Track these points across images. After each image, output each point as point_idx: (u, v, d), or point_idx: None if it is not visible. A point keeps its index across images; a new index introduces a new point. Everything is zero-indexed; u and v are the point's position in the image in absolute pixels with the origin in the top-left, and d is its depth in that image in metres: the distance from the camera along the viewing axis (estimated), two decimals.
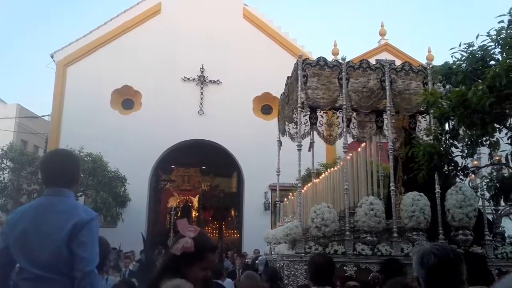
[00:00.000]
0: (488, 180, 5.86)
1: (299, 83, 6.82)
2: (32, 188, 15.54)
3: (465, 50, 5.10)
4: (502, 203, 7.27)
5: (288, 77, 7.59)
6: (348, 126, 8.32)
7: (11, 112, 21.00)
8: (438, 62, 6.18)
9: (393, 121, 7.55)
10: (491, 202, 6.79)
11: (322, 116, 8.49)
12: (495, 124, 4.89)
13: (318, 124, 8.47)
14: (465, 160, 5.62)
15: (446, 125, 5.42)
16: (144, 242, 14.39)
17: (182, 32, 19.21)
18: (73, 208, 2.56)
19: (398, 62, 15.27)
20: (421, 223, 6.18)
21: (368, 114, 8.37)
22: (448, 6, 74.11)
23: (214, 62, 19.21)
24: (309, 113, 8.37)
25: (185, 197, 24.84)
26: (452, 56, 5.25)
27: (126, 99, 19.37)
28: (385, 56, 19.51)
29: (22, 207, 2.68)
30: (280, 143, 8.54)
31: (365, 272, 5.93)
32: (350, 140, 8.66)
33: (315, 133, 8.26)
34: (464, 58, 5.11)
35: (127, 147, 17.69)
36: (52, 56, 18.89)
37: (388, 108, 6.87)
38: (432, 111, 5.50)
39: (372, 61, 15.80)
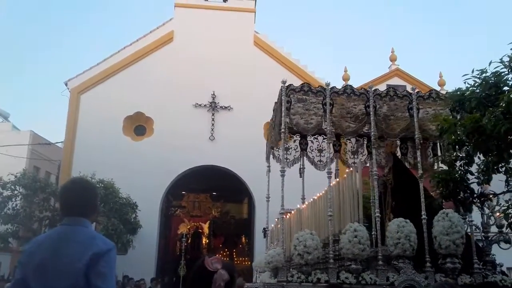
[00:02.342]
0: (505, 207, 5.74)
1: (283, 109, 6.81)
2: (44, 215, 15.56)
3: (478, 76, 5.12)
4: (492, 229, 7.12)
5: (275, 103, 7.55)
6: (338, 151, 8.29)
7: (25, 139, 21.23)
8: (450, 87, 6.16)
9: (382, 146, 7.48)
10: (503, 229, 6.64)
11: (312, 142, 8.47)
12: (511, 151, 4.84)
13: (308, 149, 8.44)
14: (481, 187, 5.53)
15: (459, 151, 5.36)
16: None
17: (194, 59, 19.45)
18: (91, 238, 2.54)
19: (408, 88, 15.34)
20: (406, 250, 6.01)
21: (359, 139, 8.34)
22: (461, 33, 74.58)
23: (225, 88, 19.37)
24: (299, 138, 8.37)
25: (196, 224, 24.69)
26: (465, 82, 5.27)
27: (138, 126, 19.53)
28: (396, 81, 19.58)
29: (40, 237, 2.66)
30: (269, 169, 8.41)
31: None
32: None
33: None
34: (477, 84, 5.11)
35: (138, 173, 17.75)
36: (66, 84, 19.20)
37: (372, 133, 6.79)
38: (446, 137, 5.45)
39: (383, 86, 15.85)
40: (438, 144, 7.68)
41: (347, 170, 7.32)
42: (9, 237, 15.34)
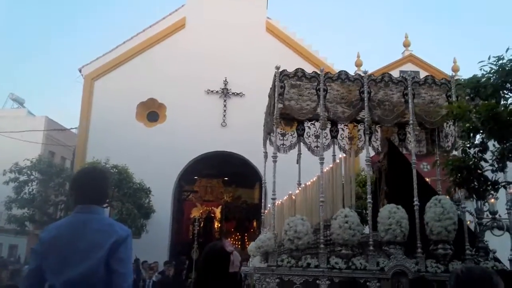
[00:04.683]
0: None
1: (276, 94, 6.82)
2: (59, 199, 15.94)
3: (495, 63, 5.03)
4: (486, 215, 7.08)
5: (270, 88, 7.55)
6: (335, 137, 8.30)
7: (40, 125, 21.64)
8: (465, 74, 6.06)
9: (378, 132, 7.42)
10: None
11: (309, 128, 8.47)
12: None
13: (305, 135, 8.46)
14: (495, 175, 5.49)
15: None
16: None
17: (206, 46, 19.47)
18: (109, 226, 2.63)
19: (422, 74, 15.09)
20: (397, 236, 5.99)
21: (356, 125, 8.32)
22: (478, 20, 72.85)
23: (237, 75, 19.37)
24: (296, 124, 8.37)
25: (208, 208, 25.01)
26: (480, 69, 5.17)
27: (151, 112, 19.72)
28: (409, 67, 19.32)
29: (54, 225, 2.72)
30: (265, 154, 8.38)
31: (338, 286, 5.83)
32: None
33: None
34: (493, 71, 5.04)
35: (151, 159, 17.98)
36: (80, 70, 19.46)
37: (366, 119, 6.79)
38: (460, 124, 5.39)
39: (396, 72, 15.60)
40: (436, 130, 7.64)
41: (339, 156, 7.35)
42: (26, 221, 15.77)
